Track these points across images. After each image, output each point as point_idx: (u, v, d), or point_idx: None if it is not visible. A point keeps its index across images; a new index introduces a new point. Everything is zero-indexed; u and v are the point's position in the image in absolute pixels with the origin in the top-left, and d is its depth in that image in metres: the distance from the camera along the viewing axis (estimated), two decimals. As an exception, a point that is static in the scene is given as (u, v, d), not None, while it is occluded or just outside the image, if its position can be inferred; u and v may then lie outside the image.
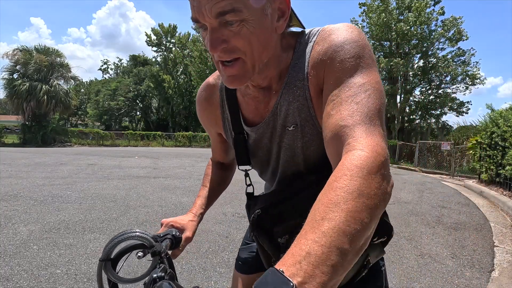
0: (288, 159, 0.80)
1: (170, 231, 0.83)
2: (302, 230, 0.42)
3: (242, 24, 0.60)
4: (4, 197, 5.11)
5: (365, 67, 0.62)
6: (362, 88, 0.59)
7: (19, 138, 24.25)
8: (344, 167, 0.48)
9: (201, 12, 0.59)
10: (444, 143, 12.06)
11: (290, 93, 0.72)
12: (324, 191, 0.46)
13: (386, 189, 0.48)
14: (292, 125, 0.75)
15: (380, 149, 0.51)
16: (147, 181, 7.31)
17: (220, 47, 0.61)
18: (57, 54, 24.49)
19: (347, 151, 0.52)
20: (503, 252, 3.49)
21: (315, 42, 0.70)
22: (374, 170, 0.47)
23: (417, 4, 18.80)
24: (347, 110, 0.57)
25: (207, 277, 2.69)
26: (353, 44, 0.64)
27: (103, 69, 50.33)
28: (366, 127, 0.54)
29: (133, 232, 0.72)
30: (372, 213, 0.43)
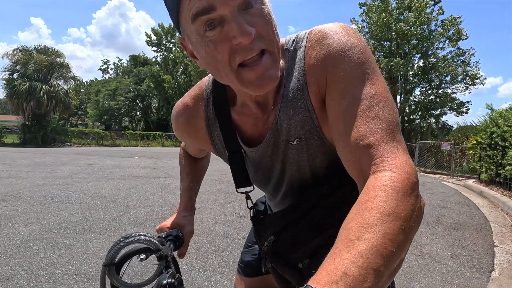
0: (294, 173, 0.76)
1: (172, 231, 0.82)
2: (335, 248, 0.41)
3: (261, 7, 0.55)
4: (4, 197, 5.11)
5: (370, 73, 0.59)
6: (373, 100, 0.56)
7: (19, 138, 24.25)
8: (377, 188, 0.46)
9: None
10: (444, 143, 12.05)
11: (290, 106, 0.67)
12: (356, 211, 0.45)
13: (420, 210, 0.48)
14: (296, 139, 0.69)
15: (410, 168, 0.50)
16: (147, 181, 7.31)
17: (252, 31, 0.53)
18: (57, 54, 24.49)
19: (375, 171, 0.50)
20: (503, 252, 3.49)
21: (307, 46, 0.64)
22: (409, 191, 0.46)
23: (417, 4, 18.79)
24: (365, 127, 0.54)
25: (207, 277, 2.69)
26: (355, 49, 0.59)
27: (103, 69, 50.33)
28: (390, 145, 0.52)
29: (138, 235, 0.69)
30: (408, 235, 0.43)
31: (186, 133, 0.82)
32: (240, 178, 0.80)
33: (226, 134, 0.75)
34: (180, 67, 35.92)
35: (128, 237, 0.69)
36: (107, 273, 0.67)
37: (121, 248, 0.68)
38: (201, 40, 0.55)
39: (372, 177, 0.50)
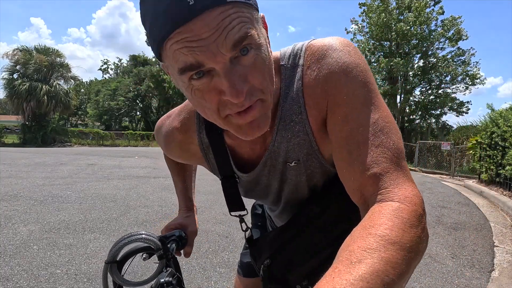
0: (291, 192, 0.75)
1: (175, 232, 0.83)
2: (334, 268, 0.40)
3: (255, 53, 0.49)
4: (4, 197, 5.11)
5: (373, 95, 0.57)
6: (377, 126, 0.54)
7: (19, 138, 24.25)
8: (383, 216, 0.45)
9: (209, 51, 0.45)
10: (444, 143, 12.05)
11: (288, 129, 0.64)
12: (359, 234, 0.44)
13: (425, 242, 0.47)
14: (293, 161, 0.67)
15: (417, 200, 0.49)
16: (147, 181, 7.31)
17: (245, 87, 0.48)
18: (57, 54, 24.50)
19: (381, 200, 0.49)
20: (503, 252, 3.49)
21: (305, 66, 0.61)
22: (416, 223, 0.45)
23: (417, 4, 18.79)
24: (370, 157, 0.52)
25: (207, 277, 2.69)
26: (356, 70, 0.57)
27: (103, 69, 50.33)
28: (395, 175, 0.51)
29: (139, 234, 0.71)
30: (410, 266, 0.42)
31: (179, 157, 0.80)
32: (233, 202, 0.78)
33: (220, 160, 0.72)
34: (180, 67, 35.90)
35: (130, 236, 0.71)
36: (109, 270, 0.68)
37: (123, 246, 0.70)
38: (187, 87, 0.50)
39: (377, 205, 0.49)
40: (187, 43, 0.45)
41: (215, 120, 0.54)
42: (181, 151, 0.76)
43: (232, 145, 0.71)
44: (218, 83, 0.48)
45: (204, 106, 0.52)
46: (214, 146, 0.71)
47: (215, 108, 0.51)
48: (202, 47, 0.45)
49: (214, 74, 0.48)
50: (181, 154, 0.78)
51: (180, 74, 0.48)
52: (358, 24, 21.54)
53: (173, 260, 0.74)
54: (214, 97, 0.50)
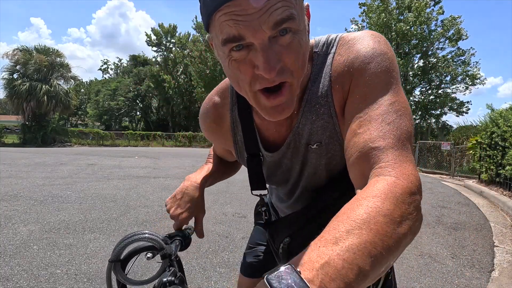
0: (310, 176, 0.77)
1: (179, 232, 0.83)
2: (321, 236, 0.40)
3: (293, 36, 0.52)
4: (4, 197, 5.11)
5: (394, 83, 0.59)
6: (392, 107, 0.55)
7: (19, 138, 24.25)
8: (376, 189, 0.45)
9: (251, 26, 0.49)
10: (444, 143, 12.05)
11: (313, 111, 0.67)
12: (351, 205, 0.43)
13: (417, 222, 0.46)
14: (316, 144, 0.70)
15: (414, 179, 0.49)
16: (147, 181, 7.31)
17: (277, 66, 0.52)
18: (57, 54, 24.50)
19: (378, 174, 0.49)
20: (503, 252, 3.49)
21: (336, 52, 0.64)
22: (408, 200, 0.45)
23: (417, 4, 18.80)
24: (378, 131, 0.53)
25: (207, 277, 2.69)
26: (383, 57, 0.59)
27: (103, 69, 50.34)
28: (399, 152, 0.51)
29: (143, 233, 0.71)
30: (400, 242, 0.41)
31: (213, 133, 0.83)
32: (256, 181, 0.81)
33: (247, 137, 0.76)
34: (180, 67, 35.93)
35: (133, 235, 0.71)
36: (113, 269, 0.69)
37: (126, 245, 0.70)
38: (226, 57, 0.55)
39: (373, 180, 0.49)
40: (234, 16, 0.49)
41: (246, 93, 0.58)
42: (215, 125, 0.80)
43: (260, 124, 0.74)
44: (254, 58, 0.52)
45: (238, 77, 0.56)
46: (243, 123, 0.75)
47: (248, 80, 0.55)
48: (246, 22, 0.49)
49: (252, 49, 0.52)
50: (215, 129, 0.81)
51: (222, 44, 0.53)
52: (358, 24, 21.55)
53: (176, 259, 0.74)
54: (248, 69, 0.54)
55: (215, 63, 26.89)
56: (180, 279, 0.65)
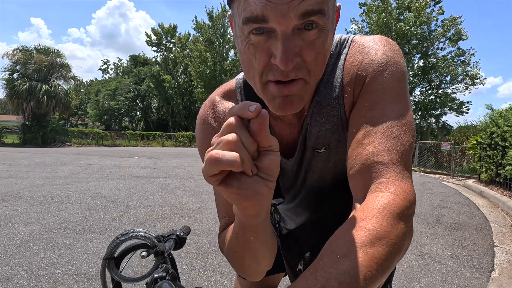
0: (315, 180, 0.75)
1: (175, 231, 0.83)
2: (319, 259, 0.41)
3: (318, 33, 0.50)
4: (4, 197, 5.11)
5: (403, 95, 0.58)
6: (399, 121, 0.55)
7: (19, 138, 24.26)
8: (374, 208, 0.46)
9: (279, 11, 0.46)
10: (444, 143, 12.05)
11: (323, 113, 0.65)
12: (349, 227, 0.44)
13: (409, 239, 0.47)
14: (323, 147, 0.68)
15: (412, 196, 0.50)
16: (147, 181, 7.31)
17: (294, 60, 0.49)
18: (57, 54, 24.52)
19: (378, 190, 0.50)
20: (503, 252, 3.49)
21: (349, 54, 0.63)
22: (404, 219, 0.46)
23: (417, 4, 18.80)
24: (383, 145, 0.53)
25: (207, 277, 2.69)
26: (397, 66, 0.59)
27: (103, 69, 50.36)
28: (400, 169, 0.52)
29: (136, 231, 0.72)
30: (393, 262, 0.43)
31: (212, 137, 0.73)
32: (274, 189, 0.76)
33: None
34: (180, 67, 35.95)
35: (127, 233, 0.73)
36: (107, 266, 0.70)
37: (120, 243, 0.71)
38: (244, 38, 0.51)
39: (373, 195, 0.49)
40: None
41: (255, 83, 0.55)
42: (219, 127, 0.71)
43: (274, 126, 0.70)
44: (273, 46, 0.49)
45: (252, 63, 0.52)
46: None
47: (260, 69, 0.52)
48: (274, 4, 0.46)
49: (272, 36, 0.49)
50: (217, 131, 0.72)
51: (243, 23, 0.49)
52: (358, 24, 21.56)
53: (169, 257, 0.74)
54: (264, 57, 0.51)
55: (215, 63, 26.92)
56: (172, 275, 0.65)
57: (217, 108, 0.71)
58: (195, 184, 6.92)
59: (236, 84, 0.73)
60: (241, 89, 0.71)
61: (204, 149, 0.70)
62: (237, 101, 0.71)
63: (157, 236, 0.75)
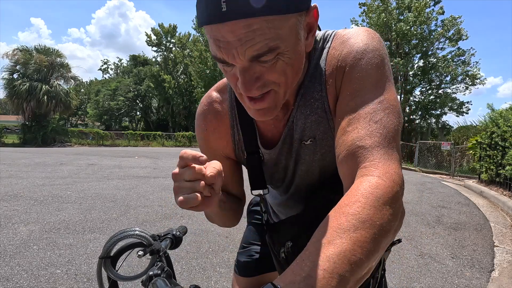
0: (303, 173, 0.77)
1: (171, 230, 0.84)
2: (306, 250, 0.41)
3: (277, 58, 0.53)
4: (4, 197, 5.11)
5: (384, 80, 0.59)
6: (381, 105, 0.56)
7: (19, 138, 24.26)
8: (358, 193, 0.46)
9: (231, 53, 0.51)
10: (444, 143, 12.05)
11: (307, 105, 0.67)
12: (334, 214, 0.45)
13: (397, 221, 0.47)
14: (309, 139, 0.70)
15: (397, 177, 0.50)
16: (147, 181, 7.31)
17: (255, 86, 0.54)
18: (57, 54, 24.51)
19: (362, 174, 0.50)
20: (503, 252, 3.49)
21: (331, 47, 0.65)
22: (390, 201, 0.46)
23: (417, 4, 18.80)
24: (365, 129, 0.54)
25: (207, 277, 2.69)
26: (375, 53, 0.60)
27: (103, 69, 50.34)
28: (384, 151, 0.52)
29: (132, 230, 0.73)
30: (380, 245, 0.43)
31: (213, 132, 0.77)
32: (256, 180, 0.80)
33: (246, 134, 0.75)
34: (180, 67, 35.94)
35: (123, 232, 0.74)
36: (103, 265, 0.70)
37: (116, 242, 0.72)
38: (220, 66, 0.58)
39: (358, 181, 0.50)
40: (216, 40, 0.51)
41: (237, 94, 0.61)
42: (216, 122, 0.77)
43: (258, 121, 0.74)
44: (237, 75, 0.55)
45: (229, 82, 0.59)
46: (242, 119, 0.74)
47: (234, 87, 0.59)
48: (226, 48, 0.51)
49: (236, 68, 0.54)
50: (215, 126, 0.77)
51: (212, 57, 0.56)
52: (358, 24, 21.54)
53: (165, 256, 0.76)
54: (233, 80, 0.57)
55: (215, 63, 26.87)
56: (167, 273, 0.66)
57: (212, 104, 0.77)
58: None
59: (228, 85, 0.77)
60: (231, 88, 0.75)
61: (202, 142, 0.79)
62: (228, 96, 0.76)
63: (152, 235, 0.76)
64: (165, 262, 0.73)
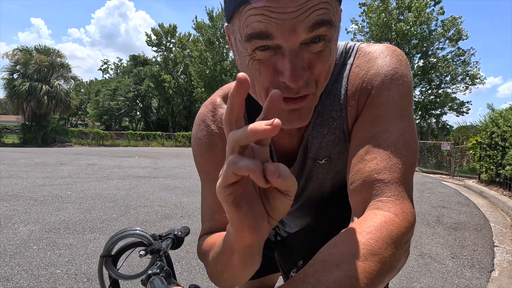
0: (315, 189, 0.74)
1: (172, 230, 0.84)
2: (310, 266, 0.41)
3: (325, 45, 0.48)
4: (4, 197, 5.11)
5: (408, 110, 0.56)
6: (402, 138, 0.54)
7: (19, 138, 24.26)
8: (372, 224, 0.45)
9: (285, 25, 0.43)
10: (444, 143, 12.04)
11: (325, 124, 0.63)
12: (345, 238, 0.44)
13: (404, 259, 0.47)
14: (324, 159, 0.67)
15: (411, 217, 0.49)
16: (147, 181, 7.31)
17: (304, 76, 0.47)
18: (57, 54, 24.52)
19: (377, 207, 0.49)
20: (503, 252, 3.49)
21: (354, 64, 0.61)
22: (402, 240, 0.46)
23: (417, 4, 18.80)
24: (385, 162, 0.52)
25: (207, 277, 2.68)
26: (402, 80, 0.57)
27: (103, 69, 50.36)
28: (401, 188, 0.51)
29: (133, 230, 0.74)
30: (385, 280, 0.43)
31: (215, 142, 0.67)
32: None
33: None
34: (180, 67, 35.93)
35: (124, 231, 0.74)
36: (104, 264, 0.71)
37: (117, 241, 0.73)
38: (247, 54, 0.48)
39: (372, 212, 0.49)
40: (268, 12, 0.43)
41: (260, 97, 0.53)
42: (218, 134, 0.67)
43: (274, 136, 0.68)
44: (280, 63, 0.47)
45: (256, 79, 0.50)
46: None
47: (266, 86, 0.50)
48: (280, 20, 0.43)
49: (278, 52, 0.47)
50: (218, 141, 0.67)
51: (246, 40, 0.46)
52: (358, 24, 21.56)
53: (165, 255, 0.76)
54: (270, 74, 0.48)
55: (215, 63, 26.91)
56: (167, 272, 0.66)
57: (217, 111, 0.69)
58: (195, 184, 6.92)
59: None
60: None
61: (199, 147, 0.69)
62: None
63: (153, 235, 0.77)
64: (165, 261, 0.74)
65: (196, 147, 0.70)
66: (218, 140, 0.67)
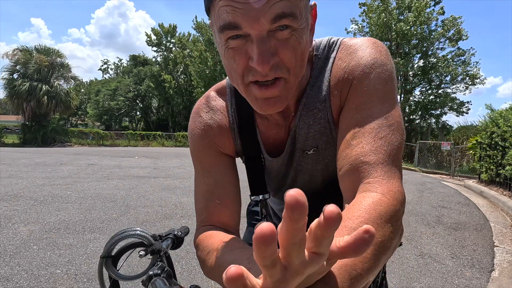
0: (306, 182, 0.76)
1: (172, 230, 0.84)
2: None
3: (291, 33, 0.52)
4: (4, 197, 5.11)
5: (391, 96, 0.59)
6: (387, 121, 0.56)
7: (19, 138, 24.26)
8: (361, 208, 0.46)
9: (249, 16, 0.48)
10: (444, 143, 12.05)
11: (310, 115, 0.66)
12: None
13: (398, 238, 0.47)
14: (312, 149, 0.69)
15: (400, 196, 0.50)
16: (147, 181, 7.31)
17: (271, 61, 0.51)
18: (57, 54, 24.51)
19: (365, 190, 0.50)
20: (503, 252, 3.49)
21: (337, 57, 0.64)
22: (392, 219, 0.46)
23: (417, 4, 18.79)
24: (370, 145, 0.54)
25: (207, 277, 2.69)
26: (383, 68, 0.60)
27: (103, 69, 50.35)
28: (388, 168, 0.52)
29: (133, 230, 0.74)
30: (380, 261, 0.42)
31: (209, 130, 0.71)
32: (257, 184, 0.77)
33: (246, 138, 0.72)
34: (180, 67, 35.93)
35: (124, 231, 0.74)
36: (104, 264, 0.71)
37: (117, 241, 0.73)
38: (223, 44, 0.54)
39: (360, 195, 0.49)
40: (233, 3, 0.48)
41: (238, 85, 0.57)
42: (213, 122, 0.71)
43: (260, 125, 0.72)
44: (250, 49, 0.52)
45: (232, 67, 0.55)
46: (244, 123, 0.71)
47: (241, 71, 0.54)
48: (244, 11, 0.48)
49: (248, 40, 0.52)
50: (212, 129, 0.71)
51: (219, 31, 0.52)
52: (358, 24, 21.56)
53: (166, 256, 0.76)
54: (242, 60, 0.53)
55: (215, 63, 26.89)
56: (168, 273, 0.66)
57: (210, 103, 0.74)
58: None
59: (227, 83, 0.75)
60: (231, 89, 0.73)
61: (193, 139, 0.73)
62: (227, 99, 0.73)
63: (153, 235, 0.77)
64: (166, 262, 0.74)
65: (191, 139, 0.74)
66: (209, 130, 0.71)
